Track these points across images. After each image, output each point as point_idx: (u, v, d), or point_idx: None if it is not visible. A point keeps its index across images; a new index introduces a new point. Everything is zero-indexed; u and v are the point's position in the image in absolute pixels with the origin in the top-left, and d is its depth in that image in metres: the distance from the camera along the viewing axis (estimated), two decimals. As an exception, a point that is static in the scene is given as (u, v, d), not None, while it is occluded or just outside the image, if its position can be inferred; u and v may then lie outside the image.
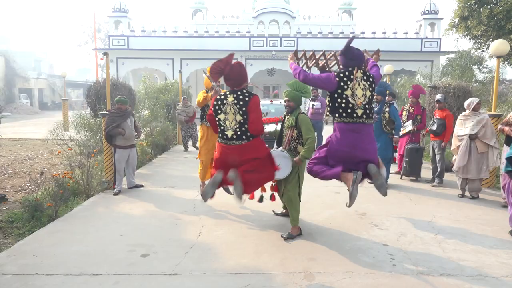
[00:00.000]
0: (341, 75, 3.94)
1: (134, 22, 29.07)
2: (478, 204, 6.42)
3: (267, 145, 4.87)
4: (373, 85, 4.00)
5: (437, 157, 7.58)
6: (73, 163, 7.56)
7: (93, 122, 9.49)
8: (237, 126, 4.08)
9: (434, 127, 7.47)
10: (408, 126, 7.96)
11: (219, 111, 4.15)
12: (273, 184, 5.10)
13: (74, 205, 6.21)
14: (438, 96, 7.54)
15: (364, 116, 3.92)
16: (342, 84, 3.90)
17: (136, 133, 7.17)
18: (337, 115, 3.94)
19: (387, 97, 7.25)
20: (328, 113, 4.05)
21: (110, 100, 7.46)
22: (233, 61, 4.18)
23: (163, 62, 26.64)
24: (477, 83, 13.30)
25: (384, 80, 17.95)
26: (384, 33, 27.20)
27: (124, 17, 26.87)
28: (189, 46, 26.29)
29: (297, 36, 26.89)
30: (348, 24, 31.98)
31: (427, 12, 26.13)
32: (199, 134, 6.22)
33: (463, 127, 6.67)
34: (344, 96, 3.88)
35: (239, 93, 4.13)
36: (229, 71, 4.06)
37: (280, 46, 26.52)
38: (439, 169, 7.58)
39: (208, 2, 30.32)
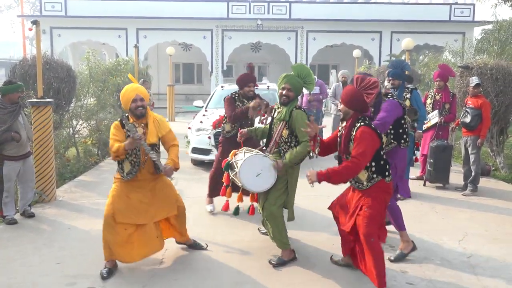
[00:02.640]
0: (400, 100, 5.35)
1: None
2: (522, 217, 6.54)
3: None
4: None
5: (471, 158, 7.68)
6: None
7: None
8: None
9: (467, 119, 7.56)
10: (433, 118, 8.04)
11: None
12: (254, 193, 5.10)
13: (-7, 223, 6.12)
14: (476, 79, 7.63)
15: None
16: (403, 108, 5.28)
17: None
18: (402, 141, 5.29)
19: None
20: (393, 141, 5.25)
21: (42, 84, 7.35)
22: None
23: (113, 34, 26.37)
24: (521, 62, 13.52)
25: (403, 58, 18.13)
26: (403, -3, 27.55)
27: (60, -27, 26.54)
28: (148, 12, 26.09)
29: (290, 0, 26.94)
30: (356, -15, 32.26)
31: (457, -30, 26.54)
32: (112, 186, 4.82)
33: None
34: (403, 120, 5.27)
35: None
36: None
37: (268, 13, 26.55)
38: (473, 173, 7.68)
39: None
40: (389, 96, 5.27)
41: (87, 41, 26.52)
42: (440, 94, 8.13)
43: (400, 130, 5.23)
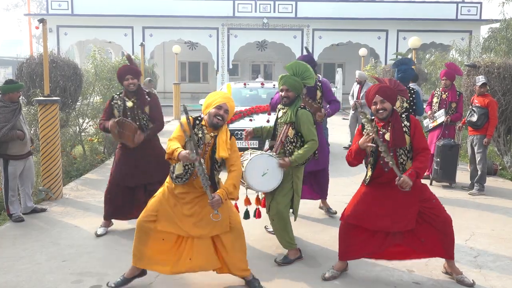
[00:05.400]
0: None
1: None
2: (530, 217, 6.51)
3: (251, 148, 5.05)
4: None
5: (477, 157, 7.66)
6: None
7: (25, 111, 9.38)
8: None
9: (474, 118, 7.53)
10: (439, 117, 8.02)
11: None
12: (260, 196, 5.09)
13: (0, 221, 6.14)
14: (482, 79, 7.59)
15: None
16: None
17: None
18: None
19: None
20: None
21: (48, 82, 7.38)
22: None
23: (119, 32, 26.41)
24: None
25: (409, 56, 18.06)
26: (409, -5, 27.43)
27: (67, -28, 26.62)
28: (154, 11, 26.11)
29: (295, -2, 26.89)
30: (363, -17, 32.14)
31: (464, -32, 26.41)
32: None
33: None
34: None
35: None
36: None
37: (274, 11, 26.50)
38: (479, 172, 7.66)
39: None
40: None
41: (93, 39, 26.60)
42: (446, 93, 8.10)
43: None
